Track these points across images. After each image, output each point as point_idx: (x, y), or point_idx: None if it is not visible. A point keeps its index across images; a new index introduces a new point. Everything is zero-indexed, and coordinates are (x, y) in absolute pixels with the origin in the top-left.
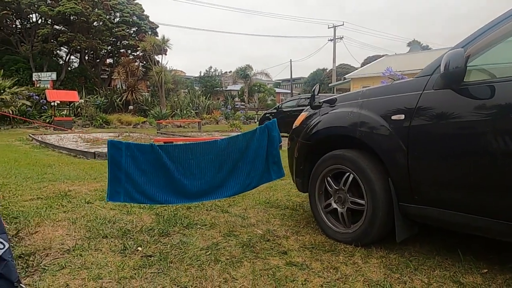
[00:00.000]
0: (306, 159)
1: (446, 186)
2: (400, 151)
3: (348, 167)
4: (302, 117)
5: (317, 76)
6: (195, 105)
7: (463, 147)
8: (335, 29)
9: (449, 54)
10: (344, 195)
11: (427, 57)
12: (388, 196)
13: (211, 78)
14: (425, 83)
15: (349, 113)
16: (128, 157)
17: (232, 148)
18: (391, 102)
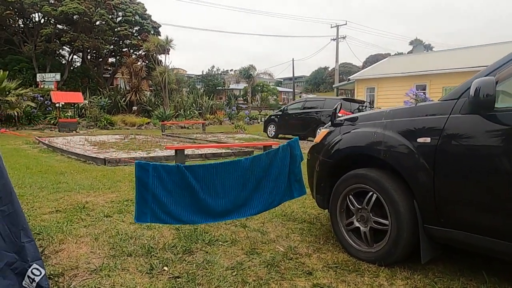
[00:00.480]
0: (327, 176)
1: (472, 210)
2: (426, 174)
3: (371, 186)
4: (322, 134)
5: (319, 75)
6: (198, 105)
7: (490, 172)
8: (338, 29)
9: (479, 82)
10: (366, 214)
11: (430, 58)
12: (413, 217)
13: (213, 77)
14: (452, 107)
15: (373, 133)
16: (155, 178)
17: (255, 167)
18: (417, 124)
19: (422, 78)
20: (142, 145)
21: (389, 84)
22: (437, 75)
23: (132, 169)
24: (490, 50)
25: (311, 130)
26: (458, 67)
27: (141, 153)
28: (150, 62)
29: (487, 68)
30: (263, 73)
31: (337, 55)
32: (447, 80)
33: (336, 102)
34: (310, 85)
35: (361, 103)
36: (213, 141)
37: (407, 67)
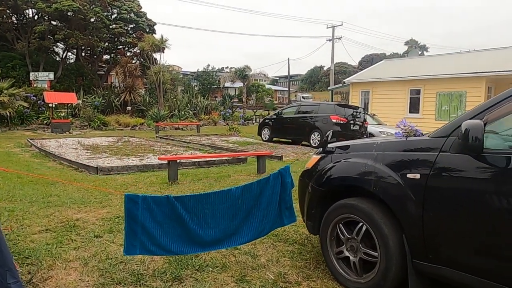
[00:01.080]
0: (318, 203)
1: (459, 248)
2: (415, 210)
3: (361, 218)
4: (313, 160)
5: (315, 74)
6: (193, 105)
7: (479, 212)
8: (334, 29)
9: (469, 124)
10: (356, 244)
11: (424, 62)
12: (402, 252)
13: (208, 75)
14: (442, 144)
15: (363, 165)
16: (145, 210)
17: (246, 196)
18: (407, 159)
19: (416, 83)
20: (135, 149)
21: (383, 88)
22: (431, 80)
23: (124, 179)
24: (484, 56)
25: (305, 135)
26: (452, 72)
27: (134, 159)
28: (145, 60)
29: (477, 107)
30: (258, 74)
31: (333, 55)
32: (441, 86)
33: (330, 107)
34: (306, 84)
35: (355, 108)
36: (207, 145)
37: (402, 71)
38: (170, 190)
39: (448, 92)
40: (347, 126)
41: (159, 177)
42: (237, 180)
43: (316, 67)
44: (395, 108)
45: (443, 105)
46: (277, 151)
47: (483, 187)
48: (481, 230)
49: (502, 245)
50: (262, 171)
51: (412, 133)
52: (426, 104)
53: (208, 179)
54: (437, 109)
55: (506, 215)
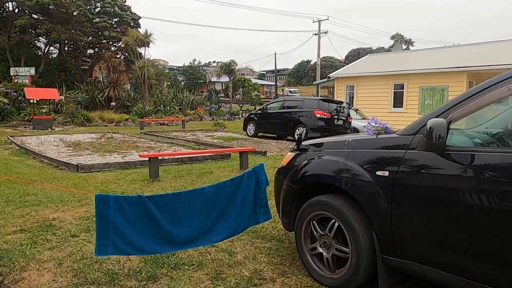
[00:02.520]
0: (293, 200)
1: (427, 243)
2: (383, 207)
3: (333, 214)
4: (288, 157)
5: (302, 68)
6: (179, 100)
7: (445, 208)
8: (320, 24)
9: (433, 122)
10: (329, 240)
11: (408, 57)
12: (372, 248)
13: (195, 70)
14: (409, 142)
15: (335, 163)
16: (117, 210)
17: (220, 194)
18: (376, 157)
19: (400, 77)
20: (119, 145)
21: (368, 83)
22: (415, 75)
23: (105, 176)
24: (466, 51)
25: (289, 130)
26: (434, 67)
27: (116, 156)
28: (130, 55)
29: (443, 106)
30: (245, 68)
31: (319, 50)
32: (424, 80)
33: (314, 102)
34: (293, 78)
35: (339, 103)
36: (191, 141)
37: (386, 66)
38: (151, 188)
39: (431, 87)
40: (331, 121)
41: (141, 174)
42: (219, 177)
43: (303, 62)
44: (379, 103)
45: (426, 99)
46: (261, 147)
47: (447, 184)
48: (445, 225)
49: (465, 239)
50: (245, 167)
51: (382, 131)
52: (410, 99)
53: (190, 175)
54: (420, 103)
55: (468, 211)
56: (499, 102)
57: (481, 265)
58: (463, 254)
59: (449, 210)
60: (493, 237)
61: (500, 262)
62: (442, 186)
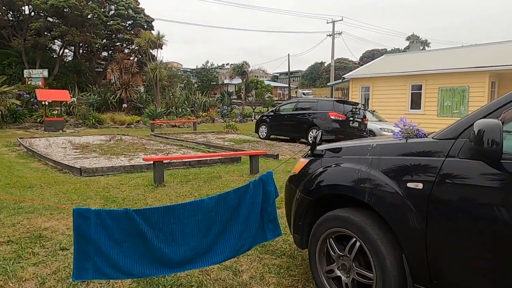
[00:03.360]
0: (306, 214)
1: (471, 273)
2: (416, 226)
3: (354, 232)
4: (301, 164)
5: (315, 70)
6: (191, 102)
7: (494, 230)
8: (334, 25)
9: (483, 124)
10: (349, 263)
11: (425, 57)
12: (401, 274)
13: (208, 72)
14: (449, 148)
15: (356, 171)
16: (98, 227)
17: (221, 207)
18: (407, 165)
19: (417, 78)
20: (127, 148)
21: (384, 84)
22: (433, 75)
23: (108, 180)
24: (486, 50)
25: (303, 132)
26: (454, 67)
27: (122, 159)
28: (143, 56)
29: (491, 104)
30: (257, 70)
31: (333, 51)
32: (443, 81)
33: (329, 103)
34: (306, 80)
35: (354, 105)
36: (202, 143)
37: (402, 66)
38: (154, 193)
39: (451, 87)
40: (346, 123)
41: (146, 178)
42: (228, 182)
43: (316, 63)
44: (396, 104)
45: (446, 101)
46: (274, 150)
47: (500, 200)
48: (497, 253)
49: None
50: (255, 172)
51: (413, 134)
52: (428, 100)
53: (197, 180)
54: (439, 104)
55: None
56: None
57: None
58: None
59: (499, 232)
60: None
61: None
62: (494, 204)
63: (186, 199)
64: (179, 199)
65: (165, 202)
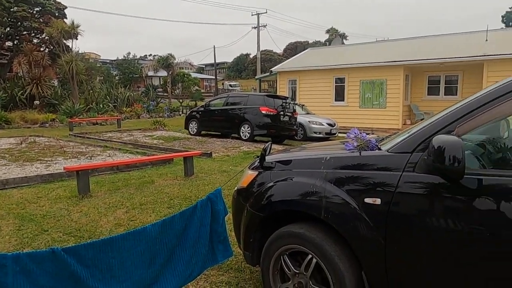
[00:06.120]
0: (257, 231)
1: (432, 285)
2: (376, 243)
3: (310, 249)
4: (249, 177)
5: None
6: (113, 97)
7: (453, 245)
8: (259, 17)
9: (443, 140)
10: (305, 280)
11: (348, 51)
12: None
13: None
14: (405, 162)
15: (310, 186)
16: (18, 275)
17: (166, 233)
18: (363, 180)
19: (341, 71)
20: (43, 152)
21: (310, 77)
22: (355, 69)
23: (23, 193)
24: (401, 46)
25: (234, 127)
26: (373, 61)
27: (38, 166)
28: (55, 48)
29: (445, 117)
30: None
31: (259, 43)
32: (363, 74)
33: (259, 98)
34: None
35: (284, 99)
36: (128, 143)
37: (327, 60)
38: (80, 207)
39: (370, 80)
40: (277, 118)
41: (68, 188)
42: (162, 187)
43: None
44: (321, 97)
45: (366, 93)
46: (206, 147)
47: (459, 216)
48: (454, 265)
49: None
50: (190, 174)
51: (365, 145)
52: (351, 92)
53: (128, 187)
54: (360, 96)
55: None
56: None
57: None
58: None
59: (459, 246)
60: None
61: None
62: (453, 219)
63: (117, 210)
64: (110, 211)
65: (94, 216)
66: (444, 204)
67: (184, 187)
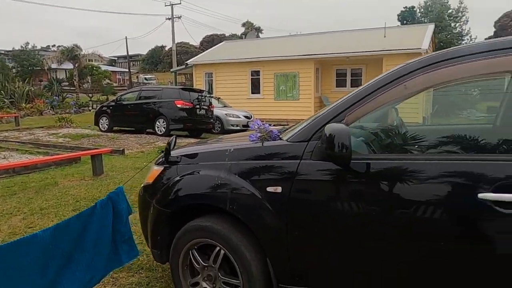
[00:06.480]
0: (164, 228)
1: (328, 267)
2: (278, 230)
3: (217, 242)
4: (155, 173)
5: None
6: (9, 92)
7: (347, 227)
8: (173, 7)
9: (333, 129)
10: (215, 273)
11: (263, 44)
12: (267, 277)
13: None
14: (303, 150)
15: (215, 179)
16: None
17: (62, 238)
18: (265, 170)
19: (256, 65)
20: None
21: (226, 70)
22: (269, 62)
23: None
24: (312, 40)
25: (149, 122)
26: (286, 54)
27: None
28: None
29: (336, 106)
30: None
31: (173, 35)
32: (277, 67)
33: (174, 91)
34: (148, 65)
35: (200, 92)
36: (28, 142)
37: (242, 53)
38: None
39: (284, 73)
40: (193, 111)
41: None
42: (67, 188)
43: (157, 47)
44: (238, 89)
45: (281, 85)
46: (118, 143)
47: (353, 198)
48: (349, 246)
49: (370, 261)
50: (99, 173)
51: (268, 136)
52: (266, 85)
53: (26, 191)
54: (275, 89)
55: (372, 229)
56: (398, 101)
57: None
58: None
59: (350, 229)
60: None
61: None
62: (347, 202)
63: (12, 218)
64: (2, 220)
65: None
66: (339, 189)
67: (92, 188)
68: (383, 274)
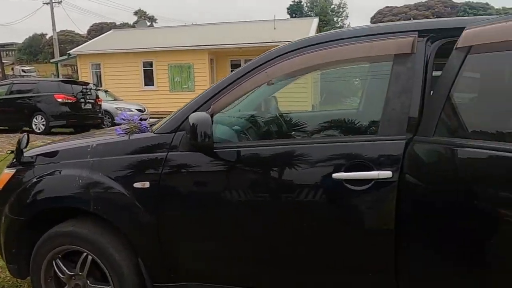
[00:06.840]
0: (20, 239)
1: (205, 258)
2: (149, 227)
3: (83, 247)
4: (6, 176)
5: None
6: None
7: (219, 215)
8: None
9: (196, 117)
10: (83, 281)
11: (155, 34)
12: (140, 278)
13: None
14: (170, 142)
15: (76, 178)
16: None
17: None
18: (132, 165)
19: (148, 55)
20: None
21: (116, 60)
22: (162, 52)
23: None
24: (207, 30)
25: (25, 119)
26: (180, 45)
27: None
28: None
29: (202, 95)
30: None
31: (54, 21)
32: (171, 58)
33: (53, 84)
34: (25, 55)
35: (85, 85)
36: None
37: (133, 43)
38: None
39: (178, 64)
40: (77, 106)
41: None
42: None
43: (36, 35)
44: (130, 81)
45: (175, 77)
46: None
47: (222, 186)
48: (222, 235)
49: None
50: None
51: (136, 129)
52: (160, 76)
53: None
54: (170, 80)
55: (242, 215)
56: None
57: (268, 272)
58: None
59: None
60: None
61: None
62: (217, 191)
63: None
64: None
65: None
66: (207, 179)
67: None
68: (258, 257)
